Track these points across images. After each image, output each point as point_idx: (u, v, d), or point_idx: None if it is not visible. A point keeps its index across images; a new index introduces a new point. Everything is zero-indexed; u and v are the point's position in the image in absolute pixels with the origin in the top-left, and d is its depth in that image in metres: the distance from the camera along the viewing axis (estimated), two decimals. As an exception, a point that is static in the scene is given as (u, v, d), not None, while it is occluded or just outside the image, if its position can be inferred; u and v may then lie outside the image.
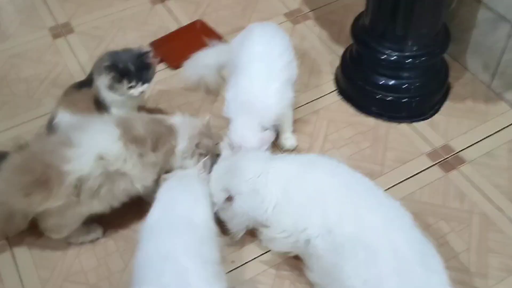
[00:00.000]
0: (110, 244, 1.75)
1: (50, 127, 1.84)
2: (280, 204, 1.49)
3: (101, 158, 1.53)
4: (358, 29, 2.03)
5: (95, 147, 1.54)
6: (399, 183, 1.86)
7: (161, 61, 2.34)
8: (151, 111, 2.11)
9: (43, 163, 1.51)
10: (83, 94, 1.80)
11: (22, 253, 1.72)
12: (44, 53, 2.44)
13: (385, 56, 1.92)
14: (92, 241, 1.75)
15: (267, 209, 1.51)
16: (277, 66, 1.83)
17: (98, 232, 1.76)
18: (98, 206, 1.61)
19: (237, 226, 1.60)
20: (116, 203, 1.65)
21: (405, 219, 1.35)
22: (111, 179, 1.57)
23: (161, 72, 2.31)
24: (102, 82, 1.77)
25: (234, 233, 1.62)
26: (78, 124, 1.63)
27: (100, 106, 1.80)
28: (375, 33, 1.92)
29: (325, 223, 1.39)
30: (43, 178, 1.49)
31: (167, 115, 1.79)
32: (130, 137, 1.58)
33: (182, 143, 1.67)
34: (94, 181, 1.54)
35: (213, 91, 2.20)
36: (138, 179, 1.61)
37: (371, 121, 2.07)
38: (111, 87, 1.77)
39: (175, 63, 2.31)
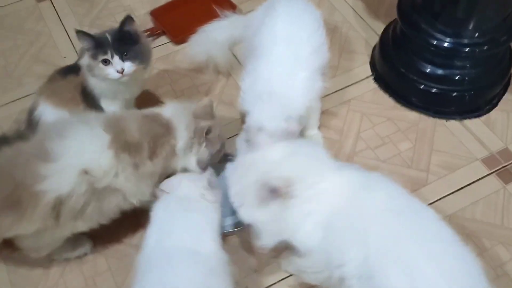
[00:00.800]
0: (100, 261, 1.55)
1: (30, 119, 1.61)
2: (322, 229, 1.24)
3: (86, 173, 1.29)
4: (407, 4, 1.78)
5: (78, 160, 1.30)
6: (447, 195, 1.63)
7: (162, 33, 2.08)
8: (148, 97, 1.86)
9: (12, 179, 1.27)
10: (69, 83, 1.56)
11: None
12: (26, 19, 2.20)
13: (437, 41, 1.70)
14: (79, 257, 1.55)
15: (305, 230, 1.26)
16: (306, 50, 1.56)
17: (86, 246, 1.55)
18: (83, 226, 1.39)
19: (266, 238, 1.35)
20: (105, 221, 1.43)
21: (477, 277, 1.10)
22: (99, 196, 1.34)
23: (162, 48, 2.07)
24: (83, 63, 1.51)
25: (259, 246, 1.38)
26: (58, 126, 1.37)
27: (88, 98, 1.56)
28: (429, 12, 1.71)
29: (367, 264, 1.14)
30: (13, 198, 1.26)
31: (159, 105, 1.53)
32: (122, 144, 1.33)
33: (181, 139, 1.42)
34: (77, 200, 1.30)
35: (223, 72, 1.96)
36: (132, 194, 1.39)
37: (414, 116, 1.83)
38: (89, 69, 1.50)
39: (179, 37, 2.05)
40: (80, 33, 1.46)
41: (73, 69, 1.56)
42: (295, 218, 1.25)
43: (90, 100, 1.56)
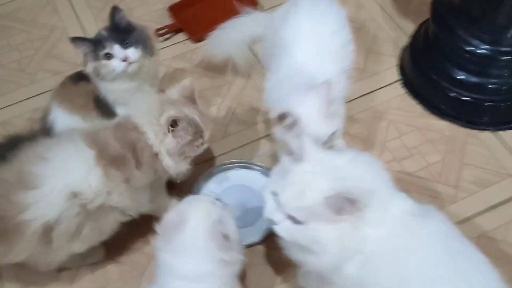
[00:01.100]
0: (112, 269, 1.51)
1: (45, 122, 1.57)
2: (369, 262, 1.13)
3: (75, 196, 1.23)
4: (442, 5, 1.69)
5: (64, 183, 1.23)
6: (477, 214, 1.54)
7: (181, 30, 2.00)
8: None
9: None
10: (81, 89, 1.53)
11: (10, 278, 1.51)
12: (40, 13, 2.15)
13: (473, 47, 1.61)
14: (90, 265, 1.51)
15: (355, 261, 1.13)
16: (332, 46, 1.49)
17: (98, 254, 1.50)
18: (80, 247, 1.34)
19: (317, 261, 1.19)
20: (106, 237, 1.38)
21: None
22: (95, 216, 1.29)
23: (180, 45, 2.01)
24: (90, 71, 1.47)
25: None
26: (39, 148, 1.30)
27: (101, 106, 1.52)
28: (466, 16, 1.62)
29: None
30: None
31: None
32: (108, 159, 1.26)
33: (152, 137, 1.31)
34: (69, 224, 1.25)
35: (242, 73, 1.89)
36: (130, 209, 1.34)
37: (444, 125, 1.74)
38: (96, 73, 1.46)
39: (197, 35, 1.97)
40: (75, 40, 1.44)
41: (85, 76, 1.51)
42: (353, 241, 1.11)
43: (103, 108, 1.52)
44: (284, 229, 1.13)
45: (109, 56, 1.43)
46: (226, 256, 1.12)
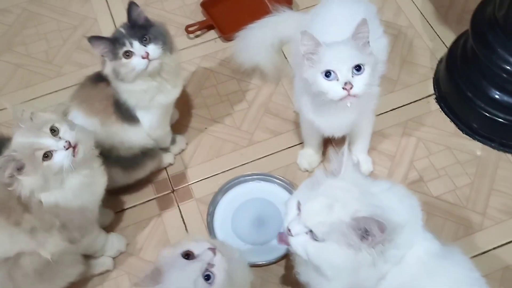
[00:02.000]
0: (123, 280, 1.54)
1: None
2: None
3: None
4: (483, 20, 1.63)
5: None
6: (503, 244, 1.52)
7: (212, 27, 1.99)
8: (190, 99, 1.82)
9: None
10: (100, 92, 1.49)
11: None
12: (71, 1, 2.14)
13: (511, 67, 1.56)
14: (101, 274, 1.53)
15: None
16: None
17: (107, 263, 1.54)
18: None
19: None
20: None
21: None
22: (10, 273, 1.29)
23: (210, 44, 1.99)
24: (109, 72, 1.43)
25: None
26: None
27: (121, 110, 1.49)
28: (507, 33, 1.56)
29: None
30: None
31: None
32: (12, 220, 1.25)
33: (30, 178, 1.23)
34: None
35: (271, 78, 1.86)
36: (41, 251, 1.30)
37: (476, 146, 1.70)
38: (116, 73, 1.42)
39: (228, 33, 1.95)
40: (92, 39, 1.39)
41: (104, 77, 1.46)
42: (370, 276, 1.09)
43: (123, 112, 1.49)
44: (299, 243, 1.08)
45: (129, 54, 1.39)
46: None
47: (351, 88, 1.24)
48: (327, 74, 1.25)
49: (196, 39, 1.99)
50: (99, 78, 1.50)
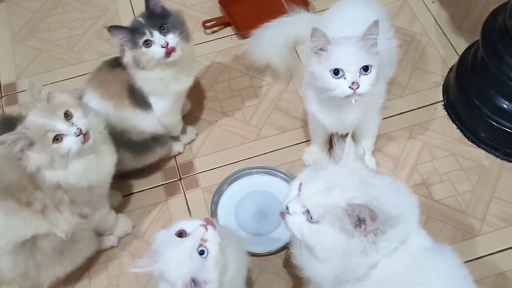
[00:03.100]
0: (127, 260, 1.61)
1: None
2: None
3: None
4: (493, 29, 1.66)
5: None
6: (499, 251, 1.55)
7: (229, 24, 2.06)
8: (203, 91, 1.89)
9: None
10: (116, 76, 1.56)
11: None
12: (95, -9, 2.23)
13: None
14: (105, 250, 1.62)
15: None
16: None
17: (113, 239, 1.62)
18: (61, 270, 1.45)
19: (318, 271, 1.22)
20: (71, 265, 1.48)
21: None
22: (32, 253, 1.37)
23: (226, 40, 2.06)
24: (129, 60, 1.50)
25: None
26: None
27: (136, 96, 1.55)
28: None
29: None
30: None
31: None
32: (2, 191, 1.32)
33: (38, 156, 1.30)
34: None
35: (283, 76, 1.92)
36: (55, 230, 1.38)
37: (480, 154, 1.74)
38: (136, 61, 1.48)
39: (244, 30, 2.02)
40: (112, 28, 1.45)
41: (121, 62, 1.53)
42: (361, 264, 1.13)
43: (137, 98, 1.55)
44: (295, 222, 1.13)
45: (148, 43, 1.45)
46: None
47: (357, 87, 1.31)
48: (336, 72, 1.31)
49: (213, 35, 2.06)
50: (115, 63, 1.57)
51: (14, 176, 1.32)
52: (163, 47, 1.44)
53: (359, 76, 1.31)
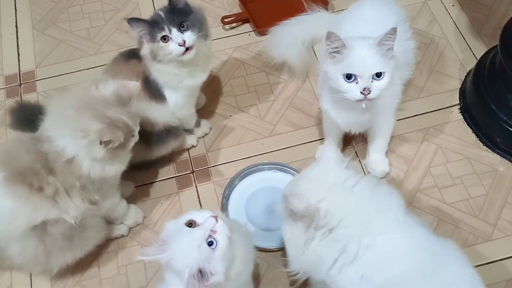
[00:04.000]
0: (136, 250, 1.62)
1: None
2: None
3: None
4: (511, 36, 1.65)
5: None
6: (510, 257, 1.55)
7: (247, 21, 2.07)
8: (220, 86, 1.90)
9: None
10: (131, 68, 1.57)
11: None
12: (117, -16, 2.25)
13: None
14: (116, 238, 1.64)
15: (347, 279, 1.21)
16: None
17: (123, 228, 1.64)
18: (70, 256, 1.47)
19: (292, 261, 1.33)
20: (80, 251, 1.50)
21: None
22: (42, 237, 1.40)
23: (244, 36, 2.07)
24: (146, 53, 1.51)
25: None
26: None
27: (151, 87, 1.57)
28: None
29: None
30: None
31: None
32: (16, 175, 1.34)
33: (68, 147, 1.34)
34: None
35: (299, 74, 1.93)
36: (66, 216, 1.40)
37: (495, 159, 1.73)
38: (153, 55, 1.49)
39: (262, 27, 2.03)
40: (132, 20, 1.46)
41: (136, 54, 1.55)
42: (323, 253, 1.21)
43: (152, 90, 1.57)
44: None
45: (166, 39, 1.46)
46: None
47: (368, 93, 1.31)
48: (348, 76, 1.32)
49: (231, 31, 2.07)
50: (131, 55, 1.58)
51: (29, 160, 1.34)
52: (181, 46, 1.45)
53: (372, 81, 1.32)
